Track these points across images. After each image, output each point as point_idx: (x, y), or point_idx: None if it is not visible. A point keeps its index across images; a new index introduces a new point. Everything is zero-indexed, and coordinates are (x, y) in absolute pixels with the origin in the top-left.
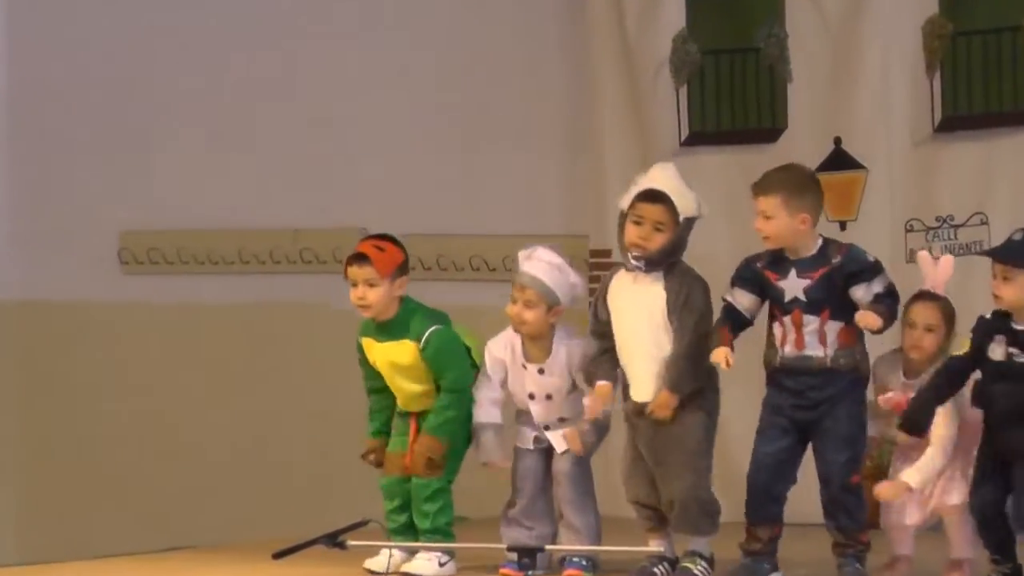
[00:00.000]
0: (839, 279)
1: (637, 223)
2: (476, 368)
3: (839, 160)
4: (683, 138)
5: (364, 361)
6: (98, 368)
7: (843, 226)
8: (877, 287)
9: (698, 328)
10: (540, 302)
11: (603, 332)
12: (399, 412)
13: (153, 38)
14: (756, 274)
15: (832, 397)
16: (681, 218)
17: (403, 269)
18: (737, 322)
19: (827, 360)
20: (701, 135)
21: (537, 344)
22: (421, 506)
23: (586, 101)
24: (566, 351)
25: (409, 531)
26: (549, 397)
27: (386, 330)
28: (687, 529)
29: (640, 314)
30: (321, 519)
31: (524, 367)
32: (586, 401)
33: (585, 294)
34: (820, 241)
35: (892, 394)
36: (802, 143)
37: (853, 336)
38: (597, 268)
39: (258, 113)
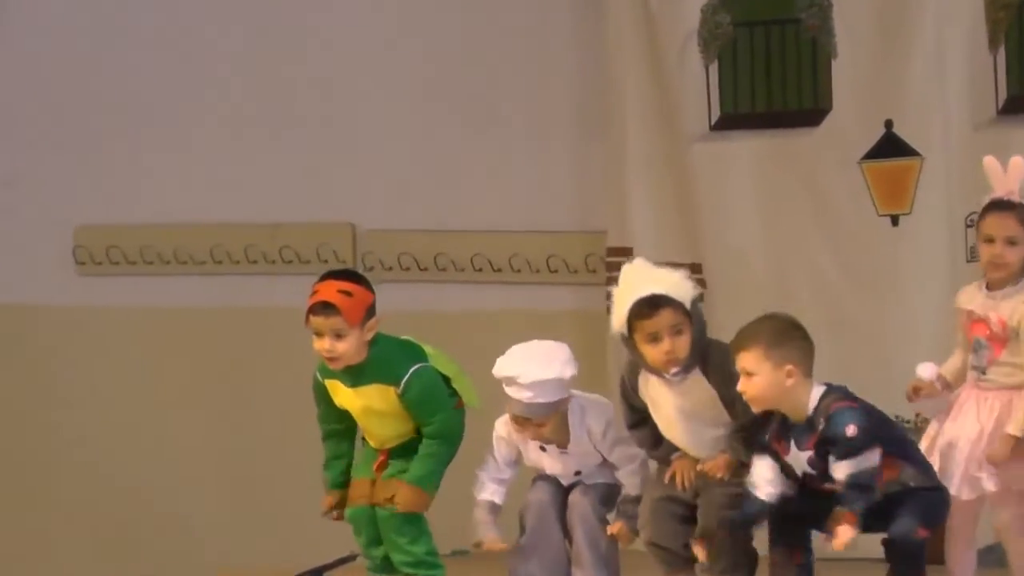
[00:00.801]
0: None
1: (654, 340)
2: (455, 396)
3: (890, 145)
4: (713, 121)
5: (324, 400)
6: (50, 379)
7: (895, 221)
8: (840, 471)
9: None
10: (550, 415)
11: (640, 419)
12: (367, 444)
13: (113, 19)
14: (771, 447)
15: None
16: (688, 306)
17: (372, 311)
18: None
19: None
20: (733, 118)
21: (554, 434)
22: (393, 539)
23: (602, 80)
24: (585, 426)
25: (392, 567)
26: (578, 473)
27: (357, 374)
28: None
29: (689, 425)
30: (303, 545)
31: (543, 449)
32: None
33: (577, 371)
34: (816, 400)
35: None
36: (848, 126)
37: (895, 468)
38: (615, 268)
39: (232, 95)
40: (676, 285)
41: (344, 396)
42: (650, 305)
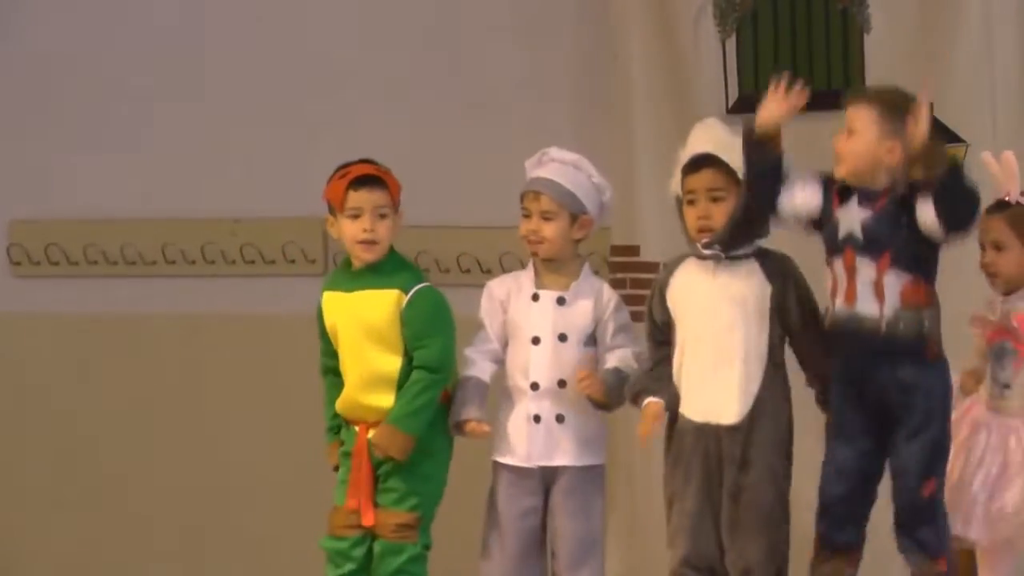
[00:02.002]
0: (903, 209)
1: (692, 202)
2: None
3: (931, 130)
4: (731, 103)
5: (321, 324)
6: None
7: None
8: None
9: (821, 318)
10: (561, 211)
11: (661, 339)
12: (343, 448)
13: (55, 5)
14: (829, 191)
15: (897, 384)
16: (740, 176)
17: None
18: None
19: (881, 322)
20: (754, 99)
21: (558, 272)
22: None
23: (607, 58)
24: (596, 286)
25: None
26: (563, 338)
27: (364, 277)
28: None
29: (729, 315)
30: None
31: (535, 298)
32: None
33: (612, 203)
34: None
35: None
36: None
37: (923, 295)
38: (621, 269)
39: (187, 77)
40: (732, 148)
41: (337, 308)
42: (693, 163)
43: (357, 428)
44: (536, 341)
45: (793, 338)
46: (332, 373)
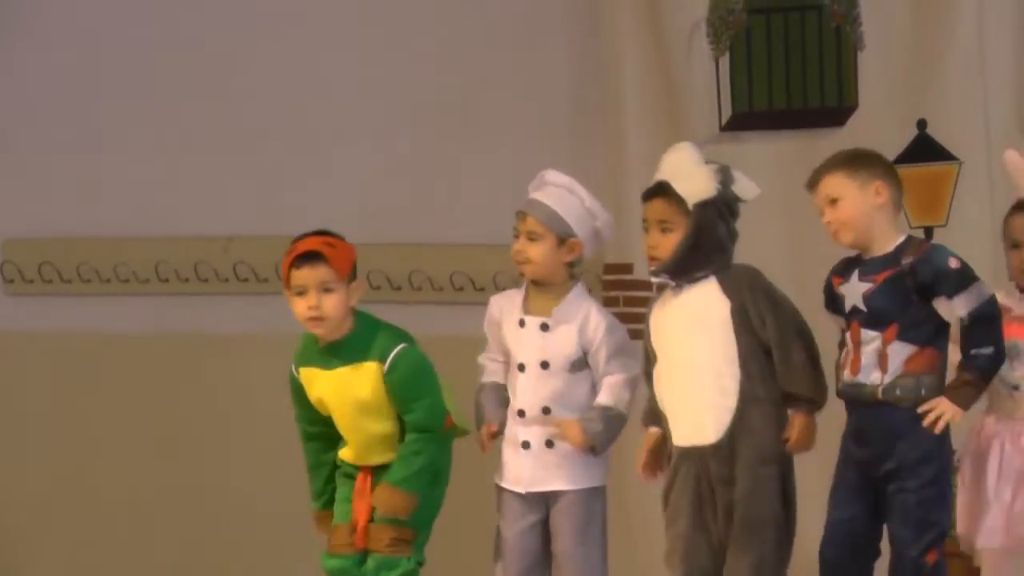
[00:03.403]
0: (911, 286)
1: (645, 230)
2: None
3: (924, 149)
4: (724, 121)
5: (301, 399)
6: None
7: (929, 234)
8: (960, 309)
9: (801, 326)
10: (547, 233)
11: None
12: (342, 469)
13: (46, 22)
14: (831, 287)
15: (895, 448)
16: (690, 205)
17: (355, 271)
18: None
19: (879, 390)
20: (747, 117)
21: (546, 295)
22: None
23: (599, 77)
24: (583, 310)
25: None
26: (545, 366)
27: (338, 352)
28: None
29: (690, 334)
30: None
31: (521, 323)
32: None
33: (611, 230)
34: (903, 238)
35: None
36: (877, 126)
37: (927, 362)
38: (614, 287)
39: (182, 94)
40: (688, 179)
41: (321, 384)
42: (647, 192)
43: (360, 470)
44: (522, 368)
45: (773, 351)
46: (313, 440)
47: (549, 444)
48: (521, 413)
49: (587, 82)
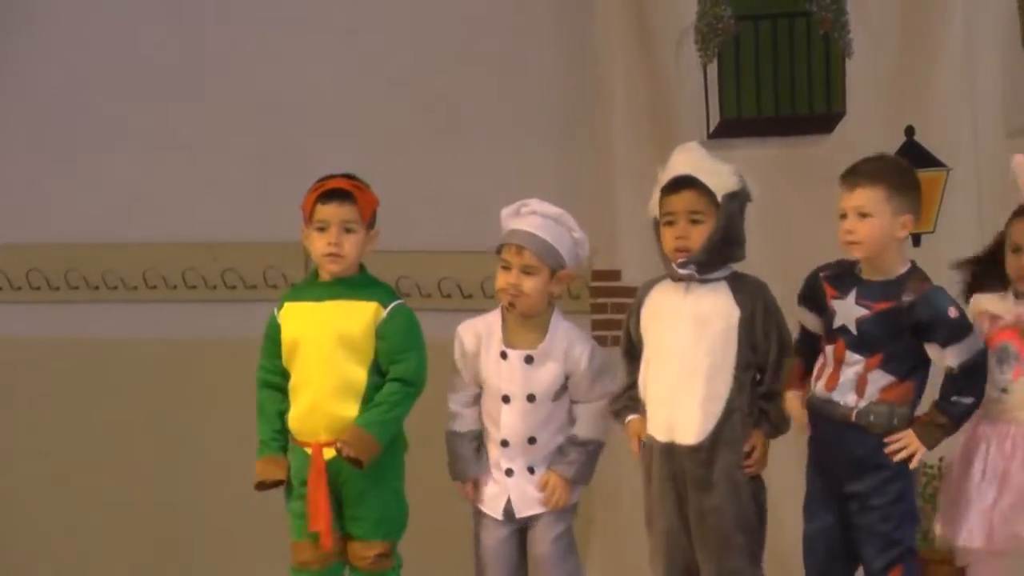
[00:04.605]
0: (906, 323)
1: (670, 223)
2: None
3: (912, 155)
4: (712, 128)
5: (272, 344)
6: None
7: (917, 240)
8: (951, 359)
9: (791, 351)
10: (542, 266)
11: (636, 355)
12: (289, 451)
13: (32, 25)
14: (818, 287)
15: (861, 467)
16: (719, 197)
17: (375, 219)
18: (812, 352)
19: (853, 413)
20: (735, 124)
21: (527, 326)
22: None
23: (587, 83)
24: (566, 340)
25: None
26: (531, 399)
27: (337, 288)
28: None
29: (694, 333)
30: None
31: (503, 356)
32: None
33: (588, 256)
34: (907, 267)
35: None
36: (865, 133)
37: (902, 394)
38: (602, 294)
39: (168, 97)
40: (714, 173)
41: (304, 318)
42: (674, 185)
43: (310, 450)
44: (506, 400)
45: (768, 369)
46: (272, 388)
47: (531, 470)
48: (505, 443)
49: (575, 89)
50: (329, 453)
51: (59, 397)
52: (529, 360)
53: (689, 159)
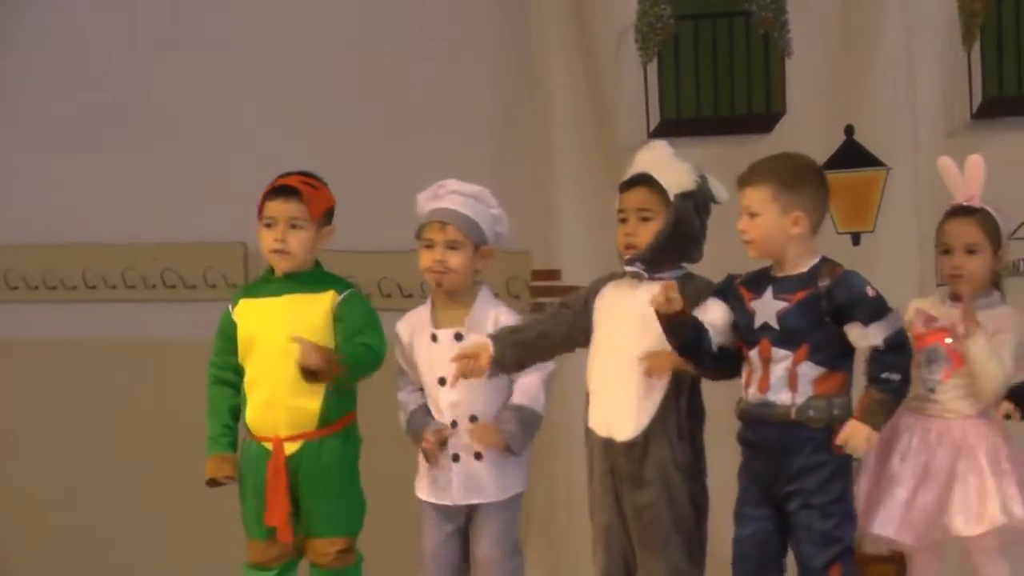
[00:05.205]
0: (825, 309)
1: (623, 220)
2: None
3: (851, 155)
4: (652, 127)
5: (225, 340)
6: None
7: (856, 239)
8: (875, 336)
9: None
10: (466, 241)
11: (567, 309)
12: (249, 449)
13: None
14: (733, 290)
15: (802, 466)
16: (672, 196)
17: (330, 217)
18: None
19: (791, 410)
20: (675, 123)
21: (454, 304)
22: None
23: (528, 83)
24: (492, 313)
25: None
26: (473, 419)
27: (292, 284)
28: None
29: (636, 330)
30: None
31: (434, 338)
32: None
33: (509, 232)
34: (817, 259)
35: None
36: (804, 133)
37: (836, 385)
38: (543, 293)
39: (107, 97)
40: (669, 171)
41: (260, 313)
42: (628, 182)
43: (269, 444)
44: (442, 382)
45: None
46: (223, 384)
47: (478, 456)
48: (454, 424)
49: (516, 89)
50: (290, 448)
51: (2, 398)
52: (459, 337)
53: (651, 157)
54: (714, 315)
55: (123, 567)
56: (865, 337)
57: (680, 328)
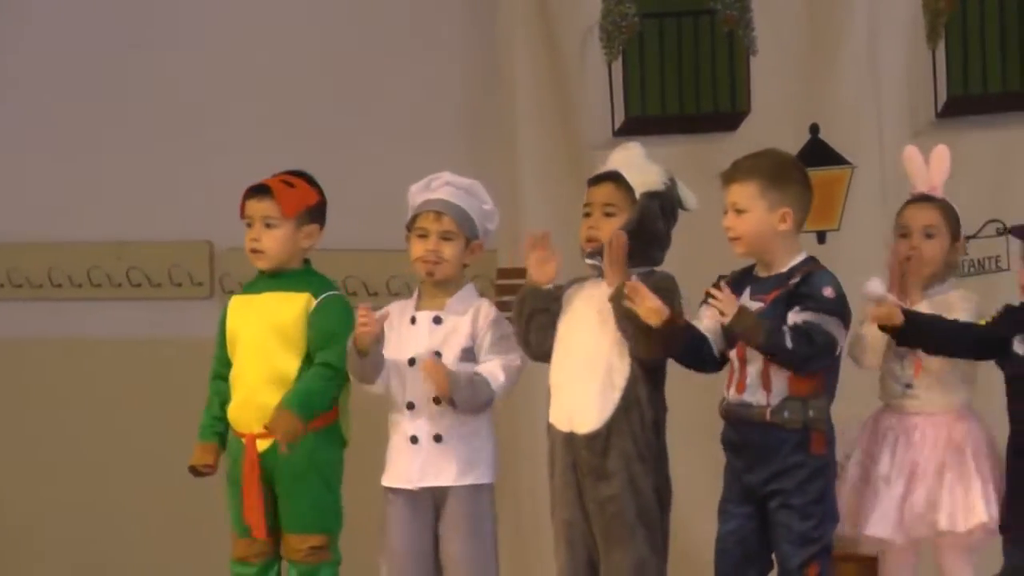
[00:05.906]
0: (789, 304)
1: (587, 214)
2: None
3: (817, 154)
4: (617, 126)
5: (222, 328)
6: None
7: (822, 238)
8: (801, 318)
9: None
10: (459, 233)
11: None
12: (232, 444)
13: None
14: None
15: (780, 467)
16: (638, 194)
17: (315, 215)
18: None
19: (767, 411)
20: (640, 122)
21: (439, 293)
22: None
23: (491, 80)
24: (475, 303)
25: None
26: (438, 356)
27: (275, 280)
28: None
29: (597, 325)
30: None
31: (412, 321)
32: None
33: (495, 230)
34: (800, 258)
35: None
36: (769, 132)
37: (810, 385)
38: (508, 292)
39: (70, 94)
40: (638, 170)
41: (243, 310)
42: (596, 177)
43: (244, 440)
44: (412, 362)
45: None
46: (219, 379)
47: (437, 439)
48: (411, 405)
49: (481, 87)
50: (263, 444)
51: None
52: (438, 320)
53: (622, 156)
54: (710, 322)
55: (96, 567)
56: (794, 317)
57: (673, 338)
